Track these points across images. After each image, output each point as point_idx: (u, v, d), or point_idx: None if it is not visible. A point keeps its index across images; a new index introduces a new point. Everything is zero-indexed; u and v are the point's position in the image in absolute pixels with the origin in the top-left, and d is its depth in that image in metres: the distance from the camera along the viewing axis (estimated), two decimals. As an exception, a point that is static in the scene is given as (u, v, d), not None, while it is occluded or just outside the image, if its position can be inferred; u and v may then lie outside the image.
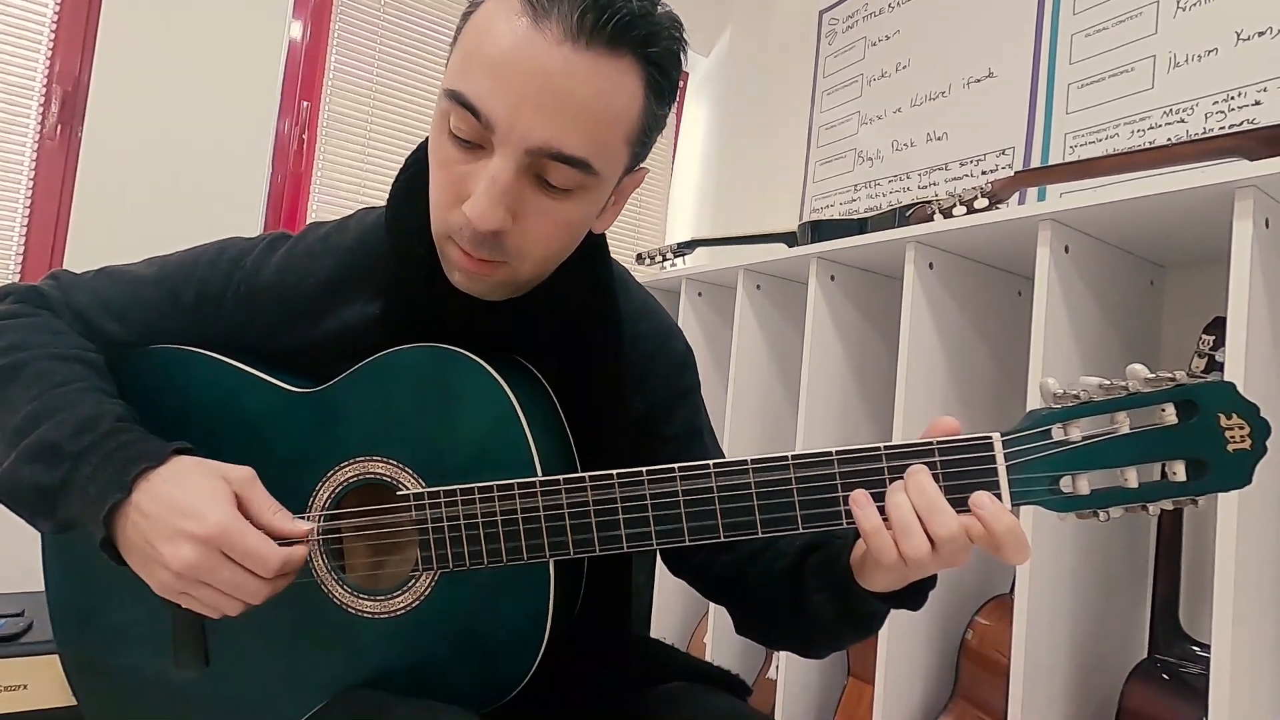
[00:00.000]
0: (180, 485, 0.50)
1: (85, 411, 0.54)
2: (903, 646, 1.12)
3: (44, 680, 1.04)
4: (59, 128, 1.54)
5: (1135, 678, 0.94)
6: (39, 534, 0.63)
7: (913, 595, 0.53)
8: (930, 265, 1.15)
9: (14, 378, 0.56)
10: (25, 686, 1.03)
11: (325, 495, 0.57)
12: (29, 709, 1.03)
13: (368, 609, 0.56)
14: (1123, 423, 0.47)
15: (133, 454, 0.52)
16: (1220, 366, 0.87)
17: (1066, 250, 0.97)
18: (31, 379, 0.56)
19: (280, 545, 0.50)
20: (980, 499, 0.46)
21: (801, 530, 0.49)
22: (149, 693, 0.61)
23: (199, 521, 0.48)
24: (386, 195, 0.61)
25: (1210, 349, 0.90)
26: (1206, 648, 0.90)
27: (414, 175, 0.59)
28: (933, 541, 0.46)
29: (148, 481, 0.50)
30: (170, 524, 0.48)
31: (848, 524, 0.49)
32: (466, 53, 0.49)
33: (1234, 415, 0.45)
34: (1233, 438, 0.45)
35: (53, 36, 1.54)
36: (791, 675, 1.31)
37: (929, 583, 0.53)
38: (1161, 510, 0.47)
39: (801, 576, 0.58)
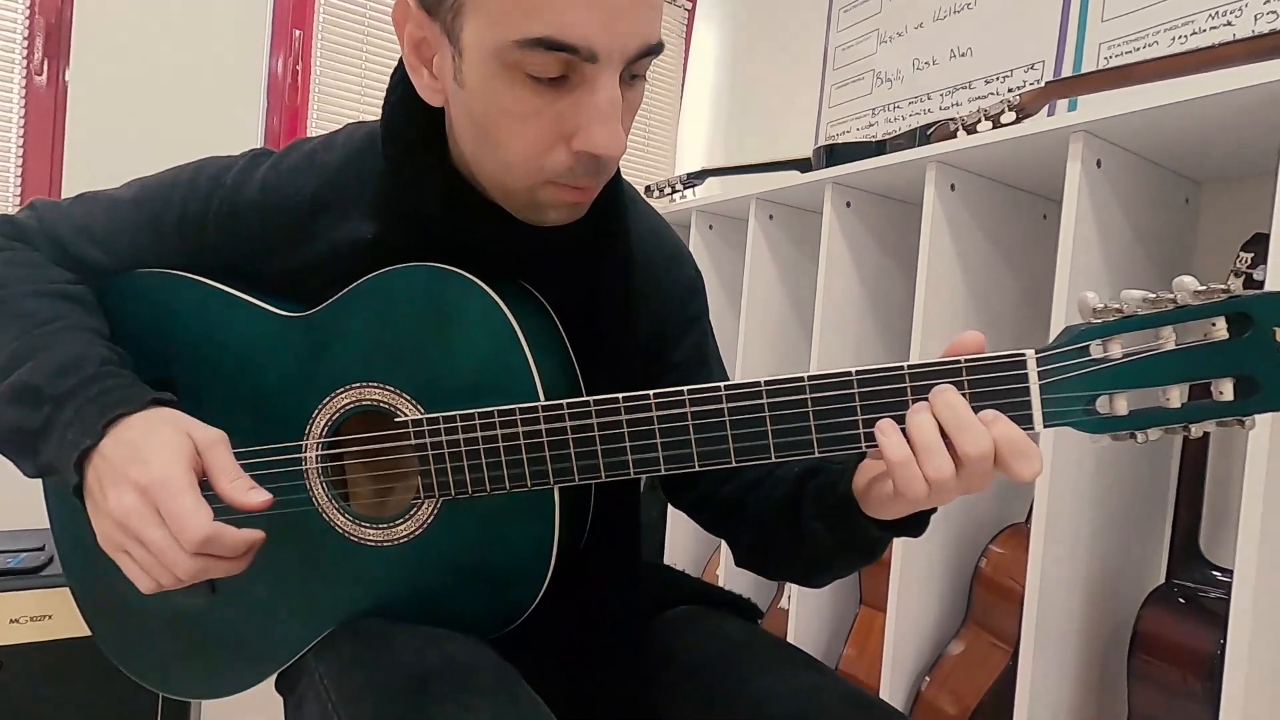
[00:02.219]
0: (146, 434, 0.48)
1: (69, 353, 0.52)
2: (915, 574, 1.12)
3: (68, 611, 1.07)
4: (46, 62, 1.49)
5: (1152, 602, 0.93)
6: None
7: (914, 522, 0.51)
8: (952, 187, 1.09)
9: None
10: (50, 617, 1.06)
11: (322, 422, 0.55)
12: (54, 638, 1.07)
13: (370, 537, 0.55)
14: (1168, 338, 0.43)
15: (111, 400, 0.50)
16: (1259, 285, 0.83)
17: (1099, 165, 0.91)
18: (12, 318, 0.54)
19: (245, 531, 0.48)
20: (986, 414, 0.44)
21: (817, 455, 0.47)
22: (157, 621, 0.61)
23: (145, 469, 0.46)
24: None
25: (1248, 267, 0.85)
26: (1227, 573, 0.89)
27: (405, 96, 0.55)
28: (959, 461, 0.43)
29: (118, 428, 0.49)
30: (121, 469, 0.47)
31: (867, 446, 0.46)
32: None
33: None
34: None
35: (31, -34, 1.47)
36: (803, 605, 1.33)
37: (931, 509, 0.51)
38: (1205, 433, 0.44)
39: (800, 503, 0.57)
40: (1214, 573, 0.92)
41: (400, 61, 0.56)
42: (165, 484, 0.46)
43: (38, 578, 1.08)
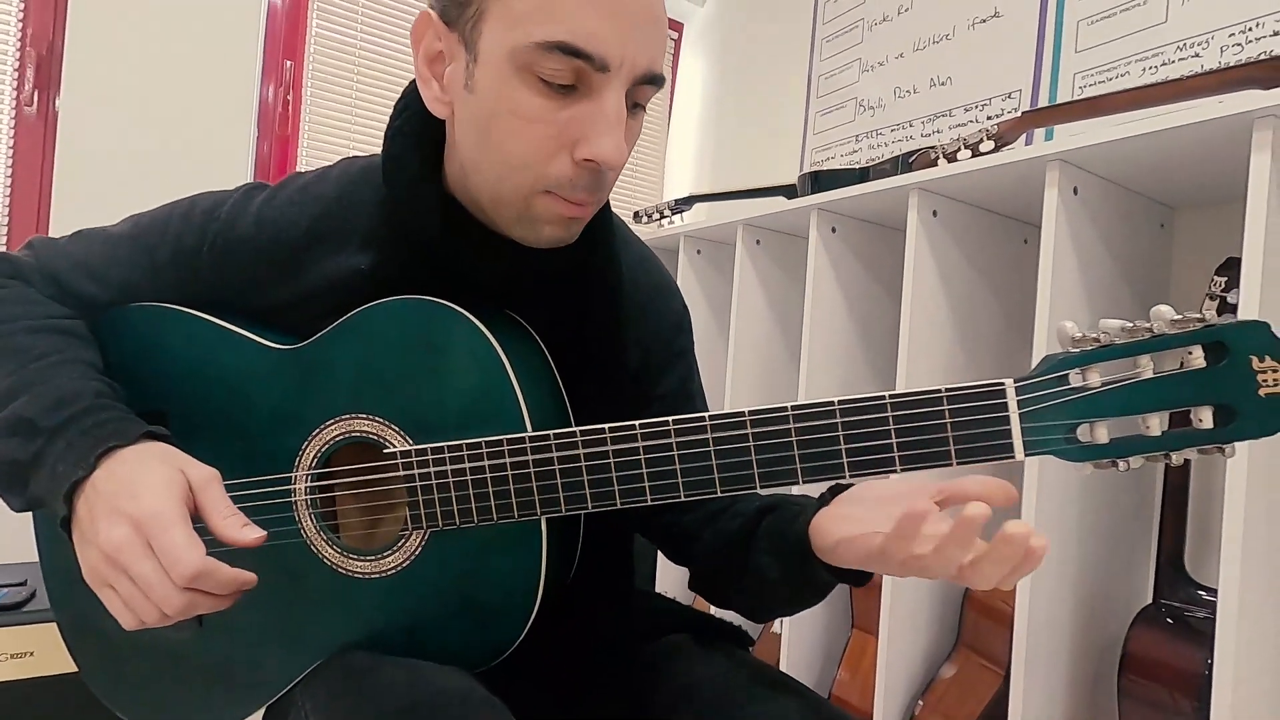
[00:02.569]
0: (138, 468, 0.48)
1: (64, 387, 0.52)
2: (906, 597, 1.12)
3: (50, 647, 1.05)
4: (36, 93, 1.50)
5: (1140, 623, 0.93)
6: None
7: (862, 571, 0.52)
8: (934, 213, 1.12)
9: None
10: (32, 654, 1.04)
11: (311, 454, 0.55)
12: (36, 675, 1.04)
13: (358, 569, 0.55)
14: (1146, 367, 0.44)
15: (105, 433, 0.50)
16: (1233, 308, 0.85)
17: (1075, 192, 0.94)
18: (8, 354, 0.54)
19: (236, 567, 0.47)
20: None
21: (802, 484, 0.48)
22: (144, 655, 0.60)
23: (136, 502, 0.46)
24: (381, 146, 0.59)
25: (1222, 290, 0.87)
26: (1212, 592, 0.90)
27: (409, 121, 0.57)
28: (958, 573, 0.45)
29: (110, 461, 0.48)
30: (113, 502, 0.46)
31: (851, 477, 0.47)
32: (542, 1, 0.46)
33: (1268, 358, 0.42)
34: (1265, 381, 0.42)
35: (23, 2, 1.48)
36: (796, 629, 1.32)
37: None
38: (1186, 460, 0.45)
39: (753, 537, 0.57)
40: (1200, 592, 0.93)
41: (406, 89, 0.58)
42: (157, 517, 0.45)
43: (19, 614, 1.06)
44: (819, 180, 1.35)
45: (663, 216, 1.79)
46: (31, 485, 0.51)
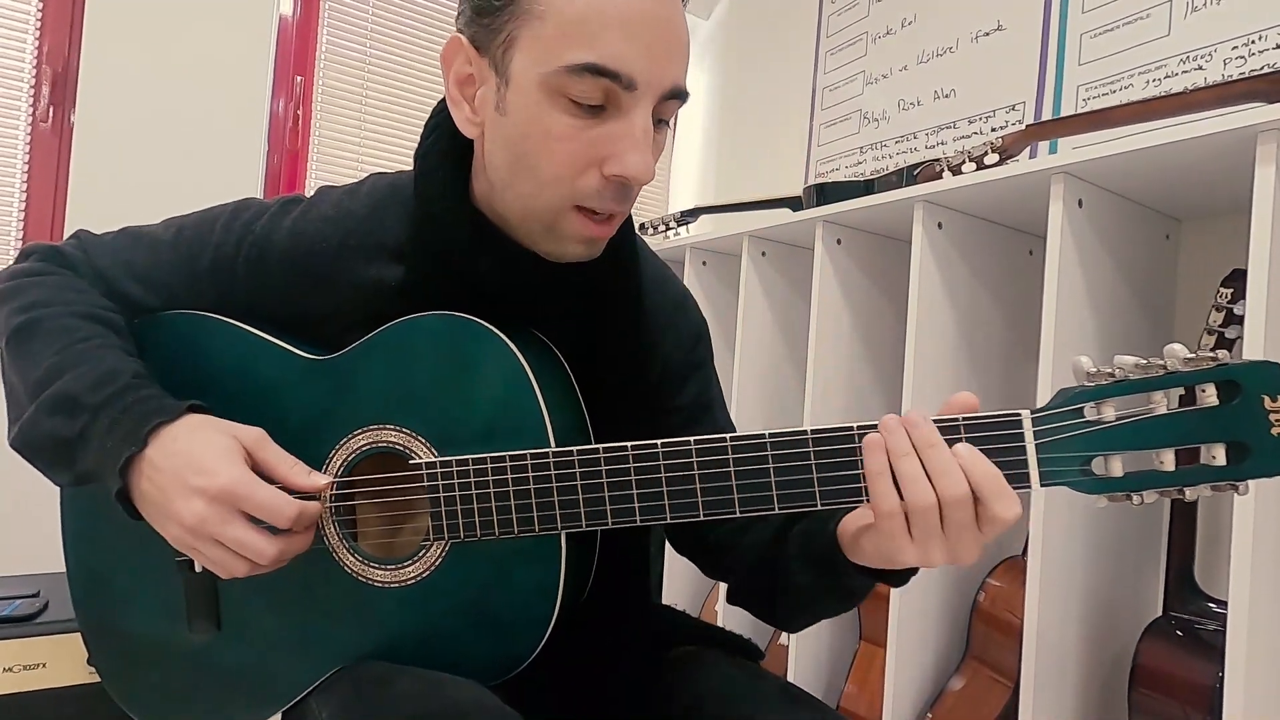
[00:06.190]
0: (193, 441, 0.51)
1: (105, 366, 0.54)
2: (914, 609, 1.12)
3: (62, 658, 1.05)
4: (51, 109, 1.52)
5: (1150, 635, 0.93)
6: (55, 508, 0.64)
7: (898, 571, 0.52)
8: (939, 225, 1.12)
9: (35, 333, 0.57)
10: (44, 665, 1.05)
11: (338, 463, 0.57)
12: (48, 687, 1.05)
13: (378, 578, 0.56)
14: (1160, 403, 0.44)
15: (150, 408, 0.52)
16: (1239, 320, 0.85)
17: (1080, 204, 0.94)
18: (54, 334, 0.57)
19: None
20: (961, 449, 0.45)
21: (820, 507, 0.48)
22: (161, 656, 0.61)
23: (210, 477, 0.49)
24: (412, 164, 0.61)
25: (1228, 302, 0.88)
26: (1222, 604, 0.90)
27: (439, 140, 0.59)
28: (942, 509, 0.44)
29: (160, 437, 0.51)
30: (183, 479, 0.50)
31: (868, 501, 0.47)
32: (577, 23, 0.49)
33: (1279, 398, 0.42)
34: (1277, 421, 0.42)
35: (40, 17, 1.51)
36: (803, 642, 1.32)
37: None
38: (1200, 496, 0.45)
39: (784, 543, 0.58)
40: (1210, 604, 0.92)
41: (435, 109, 0.60)
42: (238, 485, 0.50)
43: (31, 625, 1.07)
44: (824, 192, 1.36)
45: (668, 228, 1.80)
46: (79, 461, 0.53)
